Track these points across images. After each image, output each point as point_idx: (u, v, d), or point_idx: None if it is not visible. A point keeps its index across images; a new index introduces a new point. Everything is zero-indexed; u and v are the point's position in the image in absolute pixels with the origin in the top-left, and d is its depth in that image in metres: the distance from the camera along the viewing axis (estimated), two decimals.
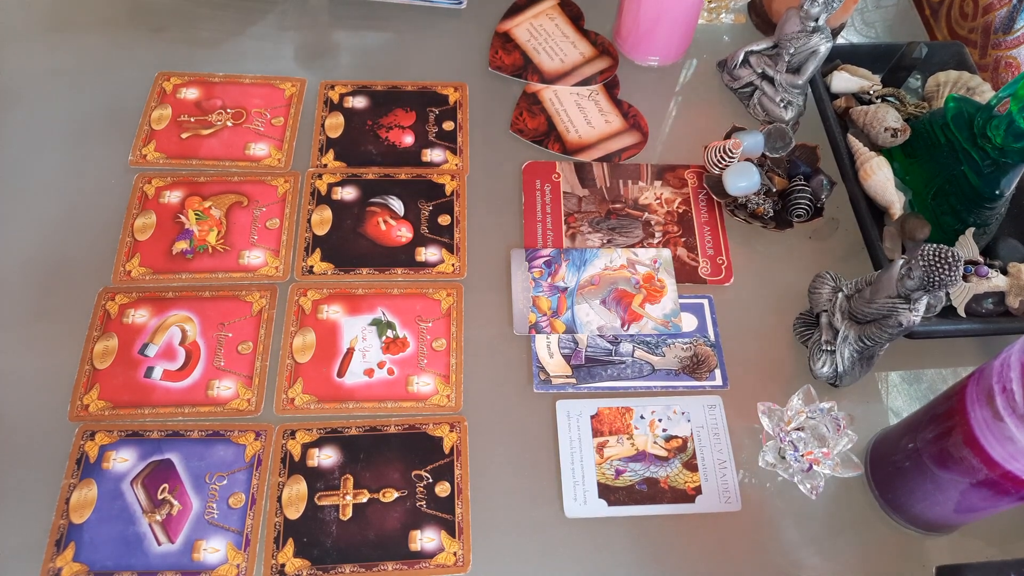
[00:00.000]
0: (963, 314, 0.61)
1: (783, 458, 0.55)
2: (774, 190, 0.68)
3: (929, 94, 0.73)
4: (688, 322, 0.63)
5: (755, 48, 0.74)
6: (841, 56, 0.76)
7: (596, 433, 0.58)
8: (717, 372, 0.61)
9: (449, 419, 0.58)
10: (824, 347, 0.59)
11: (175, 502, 0.53)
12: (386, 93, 0.74)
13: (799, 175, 0.68)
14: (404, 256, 0.65)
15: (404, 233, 0.66)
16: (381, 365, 0.59)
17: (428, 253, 0.65)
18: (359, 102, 0.73)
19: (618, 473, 0.56)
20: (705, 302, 0.64)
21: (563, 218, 0.67)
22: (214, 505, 0.53)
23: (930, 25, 0.88)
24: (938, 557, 0.55)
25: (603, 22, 0.80)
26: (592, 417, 0.58)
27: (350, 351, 0.60)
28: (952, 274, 0.50)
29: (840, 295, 0.59)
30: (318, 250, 0.64)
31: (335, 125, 0.71)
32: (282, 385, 0.58)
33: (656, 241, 0.67)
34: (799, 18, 0.69)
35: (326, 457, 0.56)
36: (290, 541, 0.53)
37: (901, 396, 0.62)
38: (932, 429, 0.49)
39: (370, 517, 0.54)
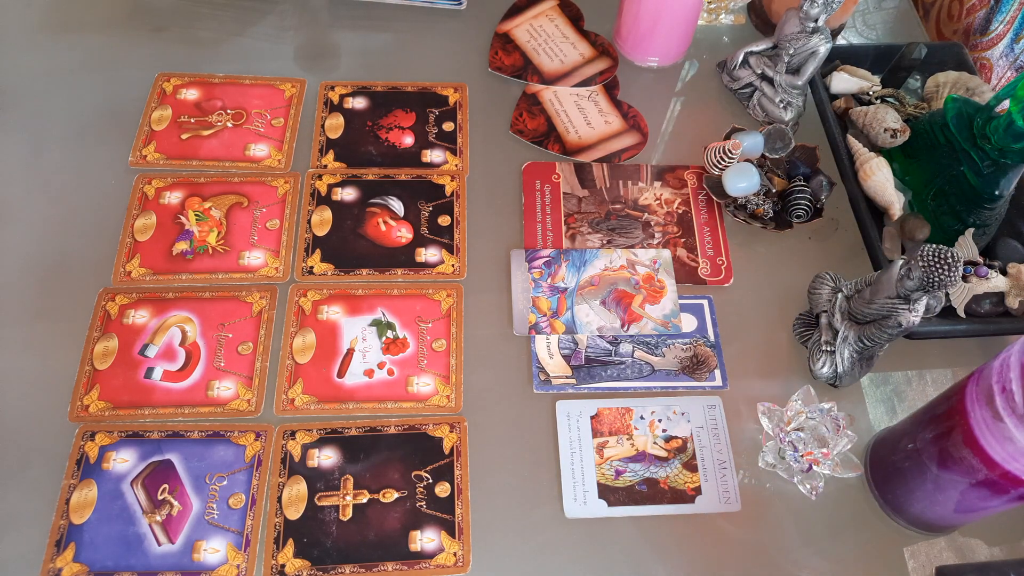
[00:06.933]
0: (963, 314, 0.61)
1: (783, 458, 0.55)
2: (774, 191, 0.68)
3: (928, 95, 0.73)
4: (688, 322, 0.63)
5: (755, 49, 0.74)
6: (841, 57, 0.76)
7: (596, 433, 0.58)
8: (717, 372, 0.61)
9: (449, 419, 0.58)
10: (824, 347, 0.59)
11: (175, 502, 0.53)
12: (386, 94, 0.74)
13: (799, 176, 0.68)
14: (404, 257, 0.65)
15: (404, 234, 0.66)
16: (381, 366, 0.59)
17: (428, 254, 0.65)
18: (359, 103, 0.73)
19: (618, 473, 0.56)
20: (705, 303, 0.64)
21: (563, 219, 0.68)
22: (214, 505, 0.53)
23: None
24: (938, 557, 0.55)
25: (603, 23, 0.80)
26: (592, 418, 0.58)
27: (350, 352, 0.60)
28: (951, 274, 0.50)
29: (840, 296, 0.59)
30: (318, 251, 0.64)
31: (335, 126, 0.72)
32: (282, 386, 0.58)
33: (656, 242, 0.67)
34: (799, 19, 0.69)
35: (326, 458, 0.56)
36: (290, 541, 0.53)
37: (901, 396, 0.62)
38: (932, 429, 0.50)
39: (370, 517, 0.54)
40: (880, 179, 0.65)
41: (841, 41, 0.82)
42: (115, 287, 0.62)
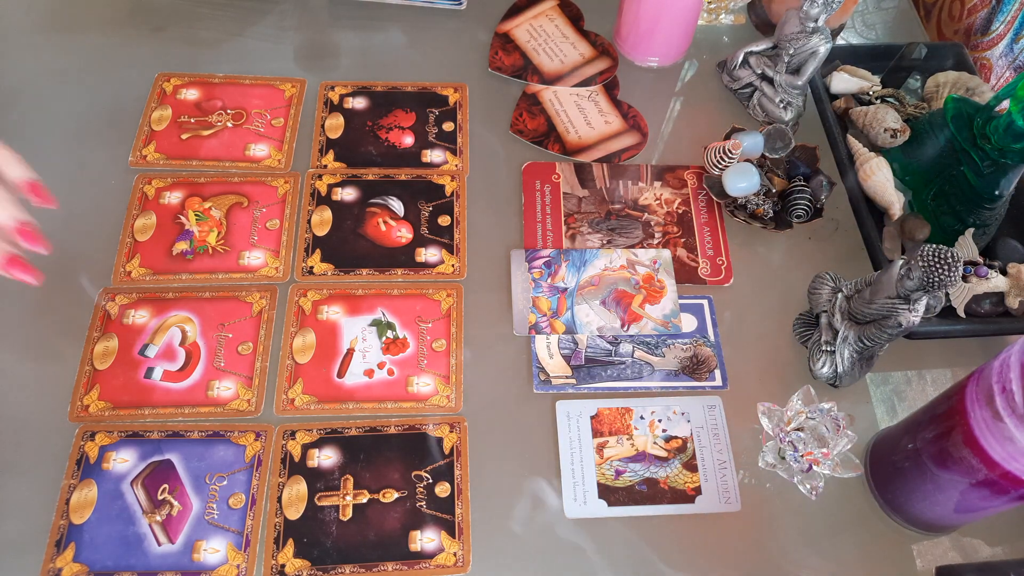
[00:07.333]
0: (963, 314, 0.61)
1: (783, 458, 0.55)
2: (774, 191, 0.68)
3: (928, 95, 0.73)
4: (688, 323, 0.63)
5: (755, 49, 0.74)
6: (841, 57, 0.76)
7: (596, 433, 0.58)
8: (717, 372, 0.61)
9: (449, 419, 0.58)
10: (824, 347, 0.59)
11: (175, 502, 0.53)
12: (386, 94, 0.74)
13: (799, 176, 0.68)
14: (404, 257, 0.65)
15: (404, 234, 0.66)
16: (381, 366, 0.59)
17: (428, 254, 0.65)
18: (359, 103, 0.73)
19: (618, 473, 0.56)
20: (705, 303, 0.64)
21: (563, 219, 0.68)
22: (214, 505, 0.53)
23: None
24: (938, 557, 0.55)
25: (603, 23, 0.80)
26: (592, 417, 0.58)
27: (350, 352, 0.60)
28: (951, 274, 0.50)
29: (840, 296, 0.59)
30: (318, 251, 0.64)
31: (335, 126, 0.72)
32: (282, 386, 0.58)
33: (656, 242, 0.67)
34: (799, 19, 0.69)
35: (326, 458, 0.56)
36: (290, 541, 0.53)
37: (900, 396, 0.62)
38: (932, 429, 0.50)
39: (370, 517, 0.54)
40: (880, 179, 0.65)
41: (841, 41, 0.82)
42: (115, 287, 0.62)
